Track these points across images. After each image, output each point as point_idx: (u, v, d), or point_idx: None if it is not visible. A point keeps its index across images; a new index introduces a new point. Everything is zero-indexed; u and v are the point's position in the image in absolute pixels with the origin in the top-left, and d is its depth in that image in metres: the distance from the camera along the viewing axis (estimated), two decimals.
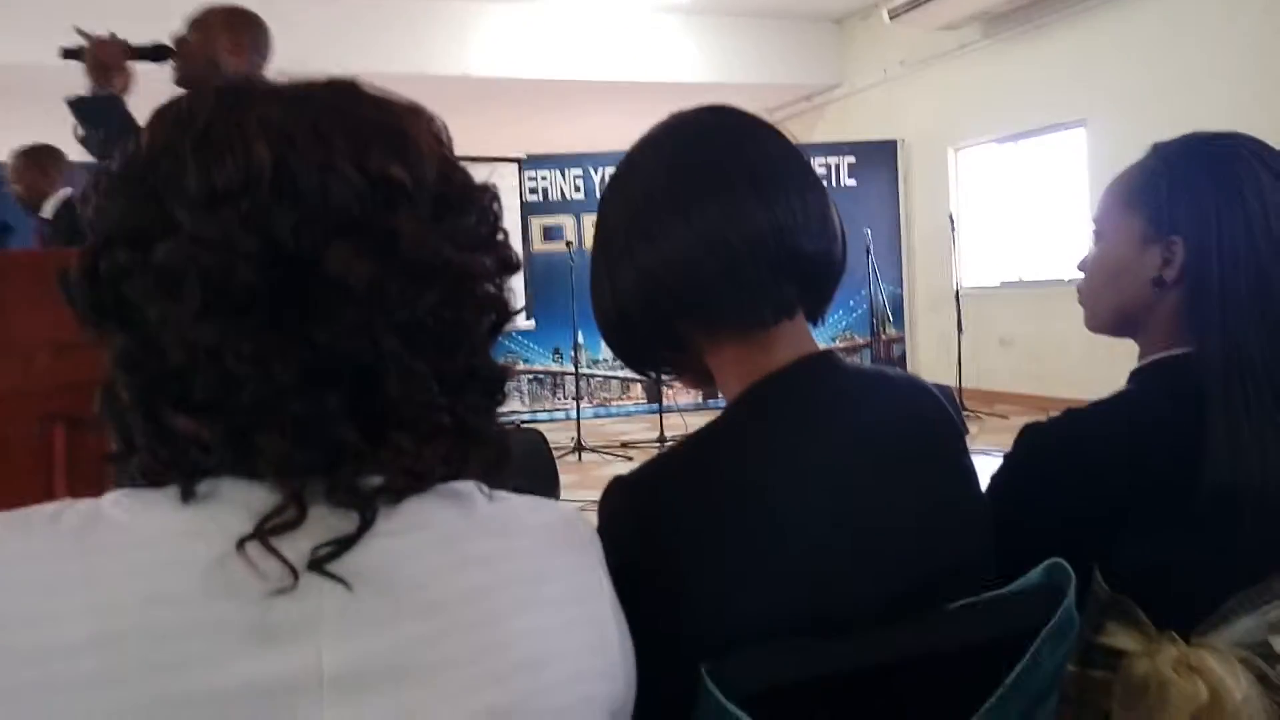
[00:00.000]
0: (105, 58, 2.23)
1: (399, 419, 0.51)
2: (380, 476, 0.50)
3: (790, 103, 8.98)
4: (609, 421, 7.32)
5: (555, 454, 4.23)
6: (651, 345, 0.88)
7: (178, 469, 0.50)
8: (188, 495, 0.49)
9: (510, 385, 0.59)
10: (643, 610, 0.64)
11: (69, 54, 2.28)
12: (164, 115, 0.53)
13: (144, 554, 0.47)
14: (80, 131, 2.23)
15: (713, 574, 0.74)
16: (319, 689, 0.47)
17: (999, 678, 0.74)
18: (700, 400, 6.92)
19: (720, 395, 0.87)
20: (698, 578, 0.74)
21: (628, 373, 7.22)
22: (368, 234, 0.49)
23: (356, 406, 0.50)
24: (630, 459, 5.90)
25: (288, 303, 0.48)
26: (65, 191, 3.14)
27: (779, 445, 0.80)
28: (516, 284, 0.60)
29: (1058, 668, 0.77)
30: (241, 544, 0.47)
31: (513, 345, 7.13)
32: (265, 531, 0.47)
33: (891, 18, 7.25)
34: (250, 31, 2.44)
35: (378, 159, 0.50)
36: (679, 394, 7.05)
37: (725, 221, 0.79)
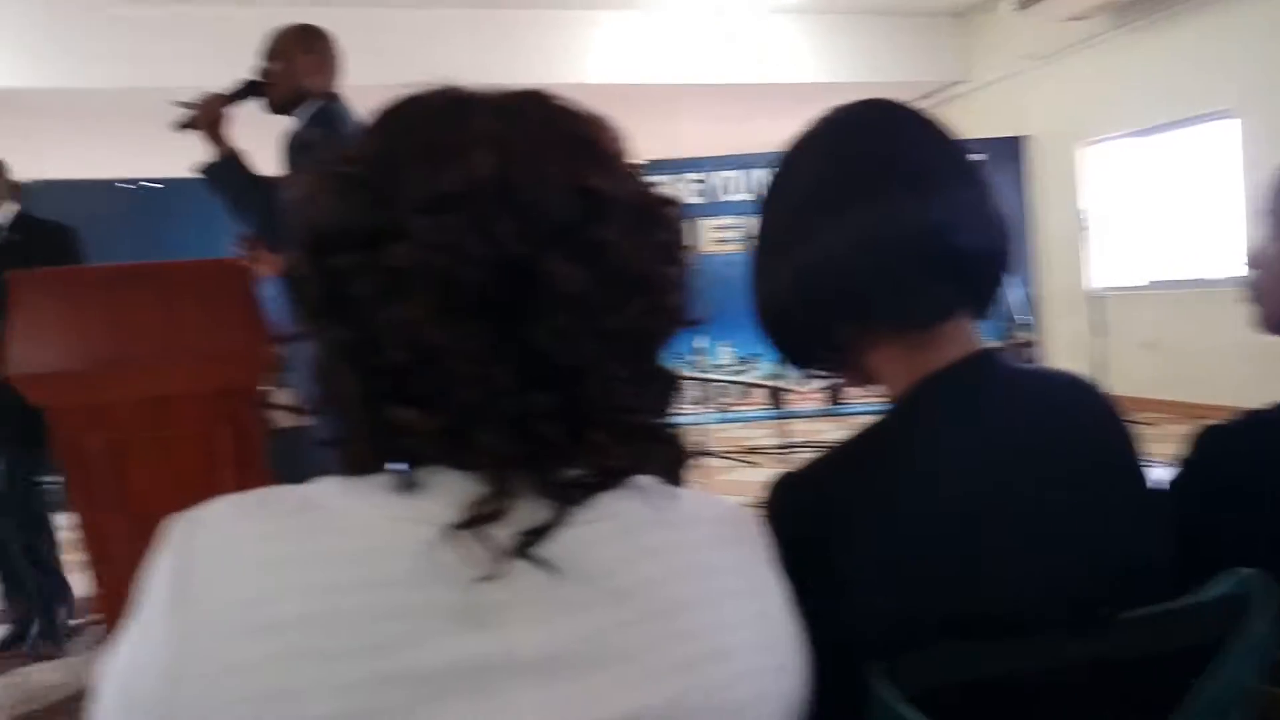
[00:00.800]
0: (211, 117, 2.36)
1: (597, 418, 0.53)
2: (577, 470, 0.53)
3: (910, 100, 8.75)
4: (730, 427, 7.29)
5: None
6: (811, 344, 0.88)
7: (391, 458, 0.53)
8: (404, 485, 0.52)
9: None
10: (809, 606, 0.65)
11: (184, 127, 2.44)
12: (388, 122, 0.56)
13: (357, 539, 0.50)
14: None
15: (878, 571, 0.74)
16: (516, 671, 0.49)
17: (1179, 692, 0.71)
18: (824, 405, 6.81)
19: (860, 395, 0.86)
20: (863, 574, 0.74)
21: (748, 377, 7.18)
22: (579, 243, 0.51)
23: (560, 405, 0.52)
24: (755, 464, 5.85)
25: (507, 307, 0.50)
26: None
27: (942, 444, 0.79)
28: None
29: (1244, 684, 0.73)
30: (453, 531, 0.49)
31: None
32: (475, 520, 0.49)
33: (1021, 8, 6.99)
34: (322, 47, 2.54)
35: (584, 171, 0.53)
36: (800, 400, 6.95)
37: (880, 221, 0.79)
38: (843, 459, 0.81)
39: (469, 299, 0.50)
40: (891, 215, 0.79)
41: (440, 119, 0.54)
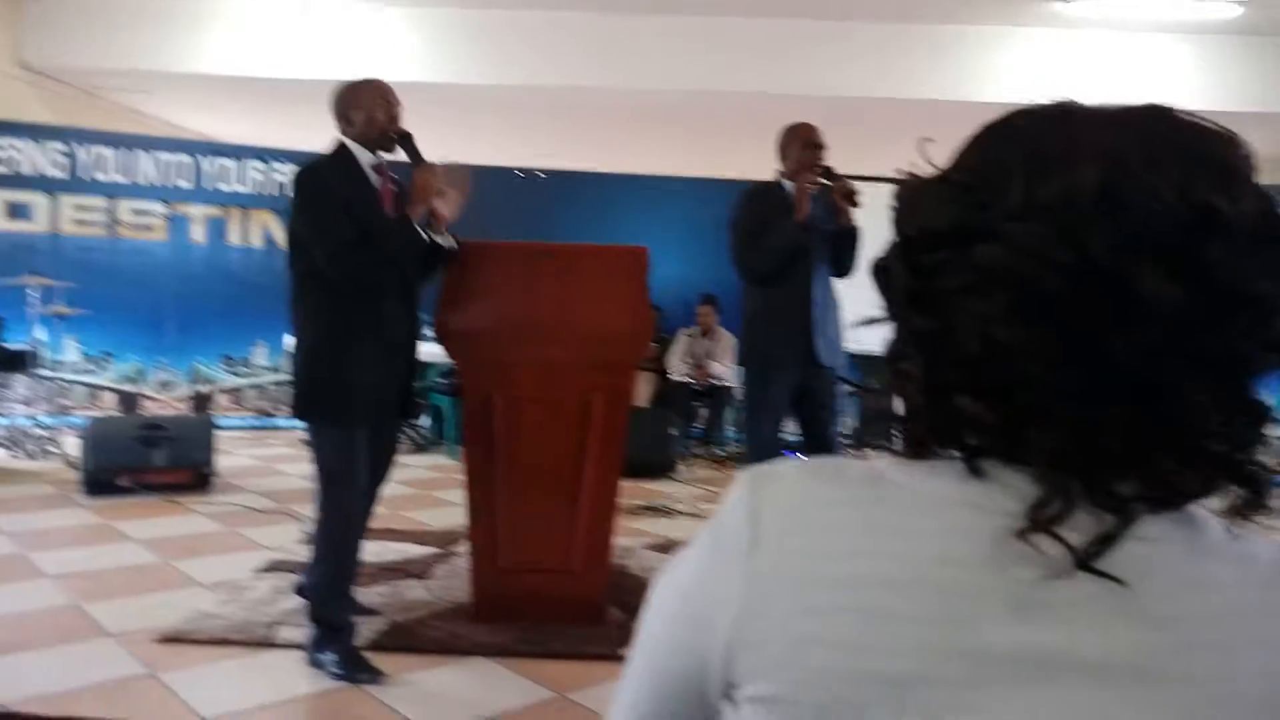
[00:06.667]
0: (846, 191, 3.23)
1: (1165, 438, 0.51)
2: (1131, 485, 0.51)
3: None
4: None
5: None
6: None
7: (948, 443, 0.55)
8: (976, 472, 0.52)
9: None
10: None
11: (844, 198, 3.25)
12: (996, 132, 0.58)
13: (932, 516, 0.52)
14: None
15: None
16: (1078, 669, 0.49)
17: None
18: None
19: None
20: None
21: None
22: (1180, 260, 0.50)
23: (1128, 419, 0.50)
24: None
25: (1087, 314, 0.50)
26: None
27: None
28: None
29: None
30: (1028, 528, 0.49)
31: None
32: (1043, 521, 0.50)
33: None
34: None
35: (1202, 187, 0.51)
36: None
37: None
38: None
39: (1045, 304, 0.50)
40: None
41: (1050, 130, 0.56)
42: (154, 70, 7.02)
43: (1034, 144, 0.54)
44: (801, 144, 3.33)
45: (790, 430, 3.51)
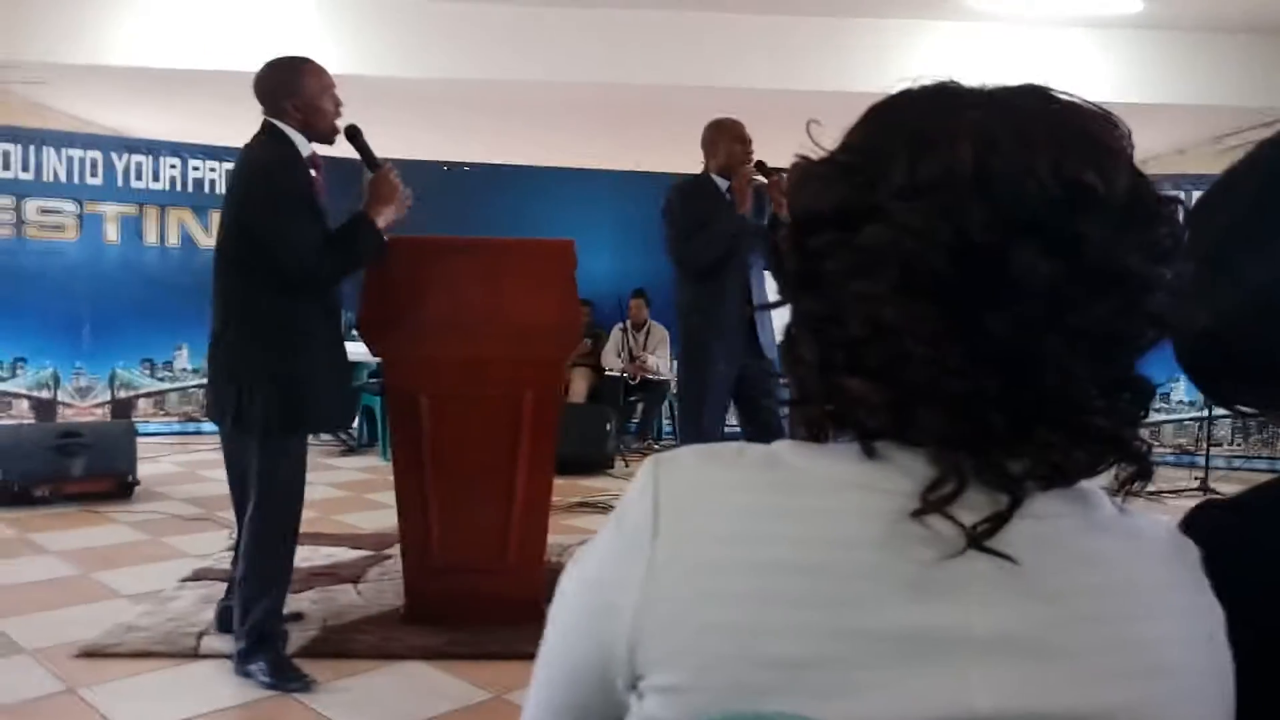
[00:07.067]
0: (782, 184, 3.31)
1: (1048, 414, 0.51)
2: (1022, 464, 0.53)
3: (1247, 128, 7.83)
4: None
5: None
6: (1254, 373, 0.80)
7: (843, 425, 0.56)
8: (869, 453, 0.53)
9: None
10: (1243, 638, 0.60)
11: (769, 186, 3.34)
12: (880, 114, 0.59)
13: (829, 499, 0.53)
14: None
15: None
16: (971, 646, 0.50)
17: None
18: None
19: None
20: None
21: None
22: (1054, 236, 0.51)
23: (1011, 396, 0.51)
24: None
25: (967, 292, 0.51)
26: None
27: None
28: None
29: None
30: (922, 508, 0.50)
31: None
32: (937, 501, 0.50)
33: None
34: None
35: (1074, 165, 0.52)
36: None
37: None
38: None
39: (926, 282, 0.51)
40: None
41: (931, 110, 0.55)
42: (59, 62, 6.71)
43: (915, 124, 0.55)
44: (731, 139, 3.43)
45: (730, 423, 3.56)
